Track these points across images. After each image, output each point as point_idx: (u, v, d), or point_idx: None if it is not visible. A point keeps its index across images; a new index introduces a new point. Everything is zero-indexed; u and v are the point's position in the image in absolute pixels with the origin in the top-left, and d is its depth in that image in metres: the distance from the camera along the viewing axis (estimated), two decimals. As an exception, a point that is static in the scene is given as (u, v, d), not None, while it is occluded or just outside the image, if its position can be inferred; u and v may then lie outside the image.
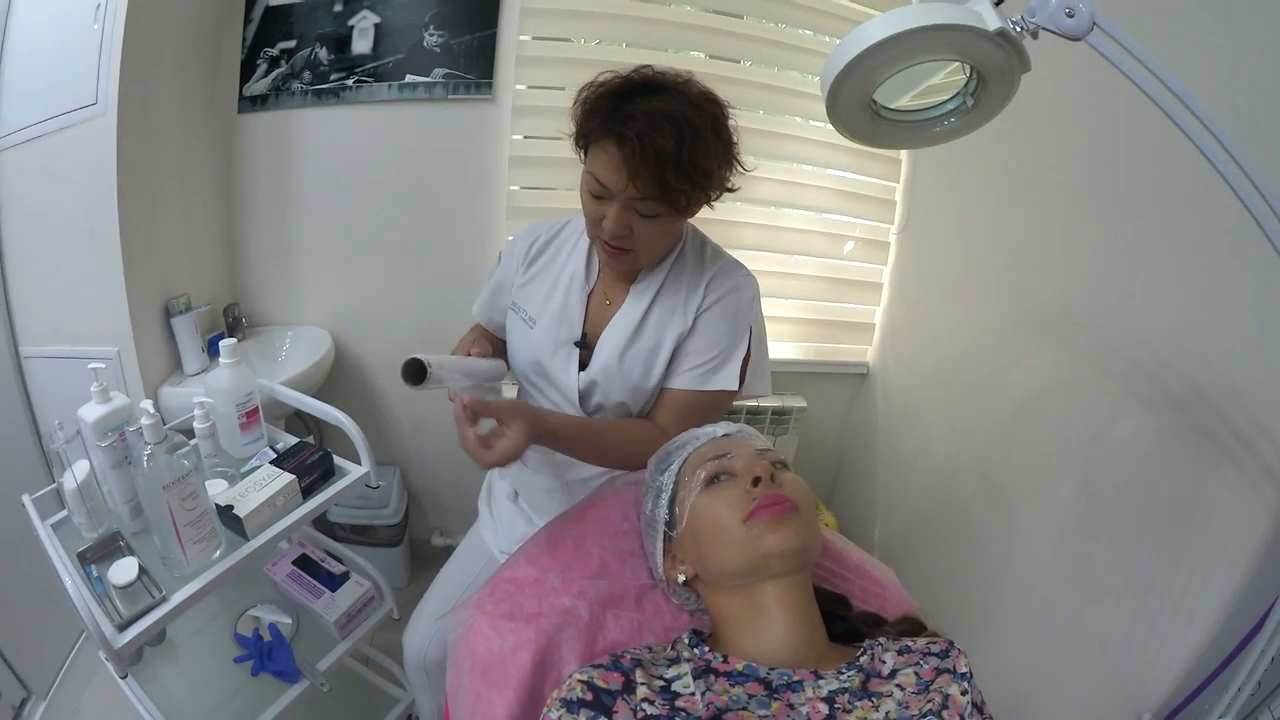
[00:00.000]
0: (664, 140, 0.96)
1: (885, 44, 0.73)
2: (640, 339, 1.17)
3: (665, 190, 1.00)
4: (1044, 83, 0.90)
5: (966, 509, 1.82)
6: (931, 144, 0.93)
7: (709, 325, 1.17)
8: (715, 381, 1.17)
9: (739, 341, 1.18)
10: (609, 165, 1.01)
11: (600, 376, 1.17)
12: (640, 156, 0.97)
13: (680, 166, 0.98)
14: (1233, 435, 1.14)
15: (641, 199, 1.01)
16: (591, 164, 1.05)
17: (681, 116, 0.98)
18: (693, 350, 1.17)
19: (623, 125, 0.98)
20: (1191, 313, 1.23)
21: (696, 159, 0.99)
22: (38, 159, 1.57)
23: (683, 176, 0.99)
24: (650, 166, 0.97)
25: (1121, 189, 1.38)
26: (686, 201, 1.03)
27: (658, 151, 0.96)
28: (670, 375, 1.18)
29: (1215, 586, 1.15)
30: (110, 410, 1.12)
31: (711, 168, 1.02)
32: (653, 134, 0.96)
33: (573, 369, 1.20)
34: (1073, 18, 0.70)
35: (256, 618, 1.41)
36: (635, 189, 1.00)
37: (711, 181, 1.04)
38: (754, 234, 2.22)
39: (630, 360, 1.16)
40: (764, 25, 2.08)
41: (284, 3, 1.89)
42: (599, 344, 1.19)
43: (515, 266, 1.28)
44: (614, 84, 1.03)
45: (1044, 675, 1.47)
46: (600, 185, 1.03)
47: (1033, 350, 1.64)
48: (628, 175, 0.99)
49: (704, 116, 1.01)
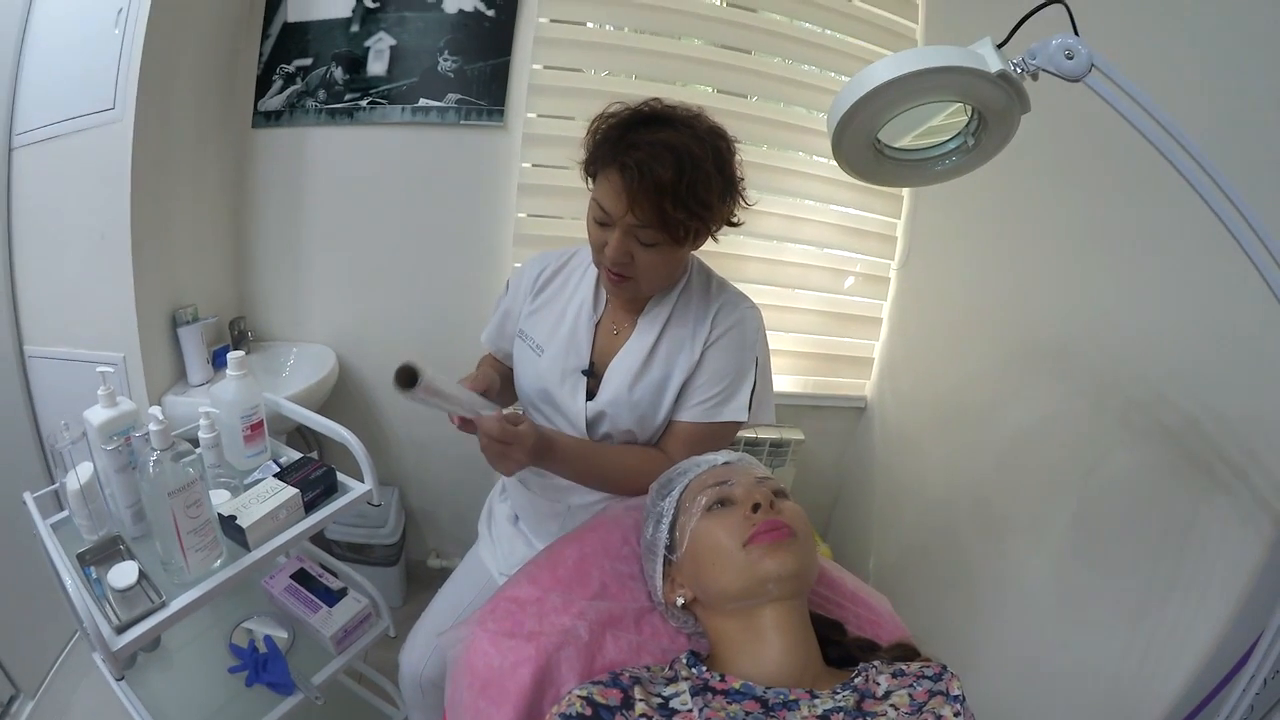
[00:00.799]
0: (663, 170, 0.99)
1: (891, 85, 0.76)
2: (650, 370, 1.18)
3: (663, 219, 1.02)
4: (1043, 122, 0.93)
5: (961, 539, 1.83)
6: (933, 182, 0.96)
7: (716, 358, 1.19)
8: (724, 413, 1.19)
9: (746, 373, 1.20)
10: (611, 192, 1.03)
11: (609, 407, 1.19)
12: (639, 184, 0.99)
13: (679, 197, 1.00)
14: (1225, 465, 1.16)
15: (641, 226, 1.03)
16: (597, 191, 1.07)
17: (683, 148, 1.00)
18: (701, 383, 1.19)
19: (625, 154, 1.01)
20: (1186, 346, 1.25)
21: (696, 190, 1.01)
22: (52, 159, 1.59)
23: (680, 206, 1.01)
24: (649, 195, 1.00)
25: (1117, 226, 1.41)
26: (685, 232, 1.05)
27: (656, 180, 0.99)
28: (679, 408, 1.20)
29: (1207, 614, 1.16)
30: (117, 414, 1.13)
31: (711, 200, 1.04)
32: (653, 163, 0.99)
33: (580, 397, 1.21)
34: (1072, 60, 0.73)
35: (251, 630, 1.41)
36: (634, 216, 1.02)
37: (711, 214, 1.06)
38: (756, 267, 2.24)
39: (640, 391, 1.18)
40: (771, 61, 2.12)
41: (302, 20, 1.92)
42: (607, 374, 1.20)
43: (523, 295, 1.30)
44: (624, 115, 1.07)
45: (1037, 703, 1.47)
46: (603, 212, 1.06)
47: (1029, 384, 1.66)
48: (627, 202, 1.01)
49: (706, 149, 1.03)
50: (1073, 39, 0.74)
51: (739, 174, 1.10)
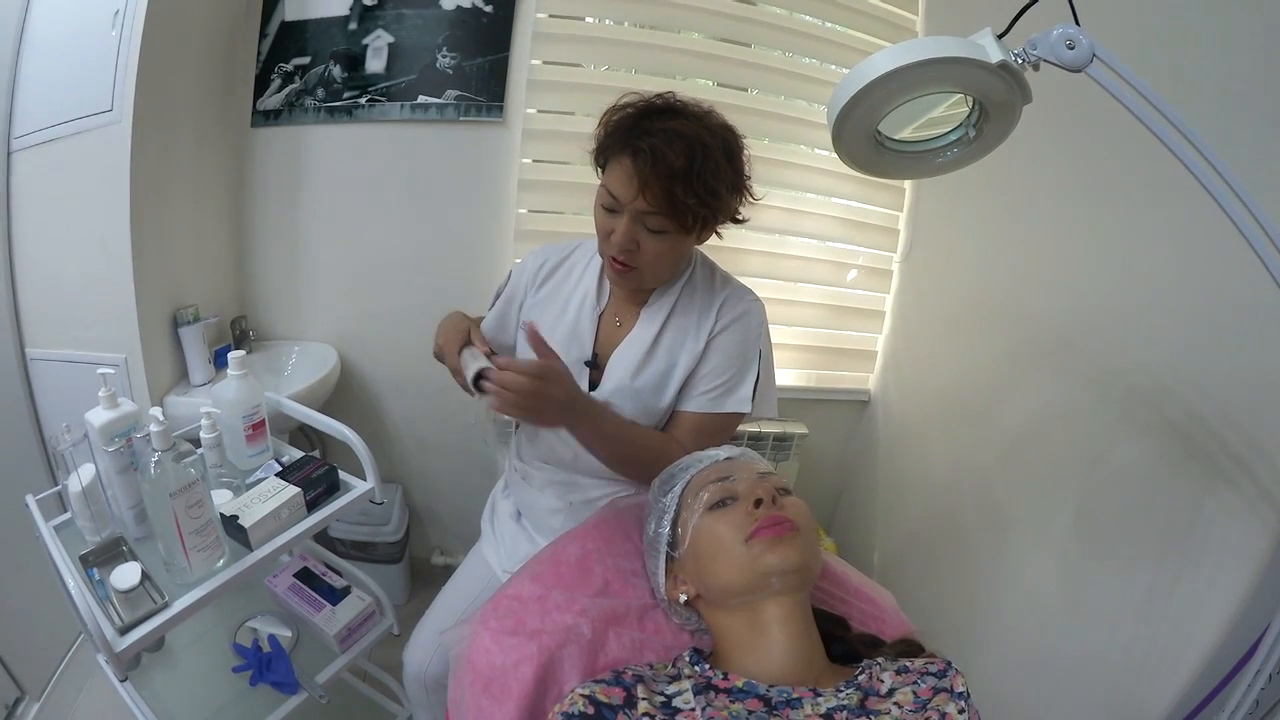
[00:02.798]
0: (675, 156, 1.00)
1: (891, 76, 0.75)
2: (653, 361, 1.19)
3: (673, 205, 1.02)
4: (1045, 113, 0.93)
5: (965, 533, 1.83)
6: (934, 174, 0.96)
7: (721, 349, 1.19)
8: (728, 404, 1.19)
9: (750, 365, 1.21)
10: (622, 177, 1.04)
11: (613, 395, 1.19)
12: (652, 168, 1.01)
13: (689, 183, 1.01)
14: (1229, 457, 1.15)
15: (650, 213, 1.04)
16: (607, 178, 1.09)
17: (695, 137, 1.02)
18: (706, 374, 1.19)
19: (638, 139, 1.02)
20: (1189, 338, 1.24)
21: (706, 179, 1.02)
22: (51, 162, 1.58)
23: (690, 192, 1.02)
24: (661, 179, 1.01)
25: (1121, 218, 1.40)
26: (693, 220, 1.05)
27: (669, 166, 1.00)
28: (683, 398, 1.21)
29: (1212, 607, 1.15)
30: (118, 415, 1.13)
31: (720, 190, 1.05)
32: (665, 149, 1.00)
33: (584, 388, 1.21)
34: (1073, 50, 0.73)
35: (255, 629, 1.41)
36: (645, 201, 1.03)
37: (719, 204, 1.07)
38: (758, 261, 2.24)
39: (643, 380, 1.19)
40: (771, 54, 2.11)
41: (299, 19, 1.92)
42: (610, 364, 1.21)
43: (525, 286, 1.31)
44: (638, 104, 1.08)
45: (1041, 697, 1.46)
46: (612, 198, 1.07)
47: (1032, 376, 1.65)
48: (638, 186, 1.02)
49: (717, 140, 1.05)
50: (1074, 29, 0.73)
51: (747, 171, 1.11)
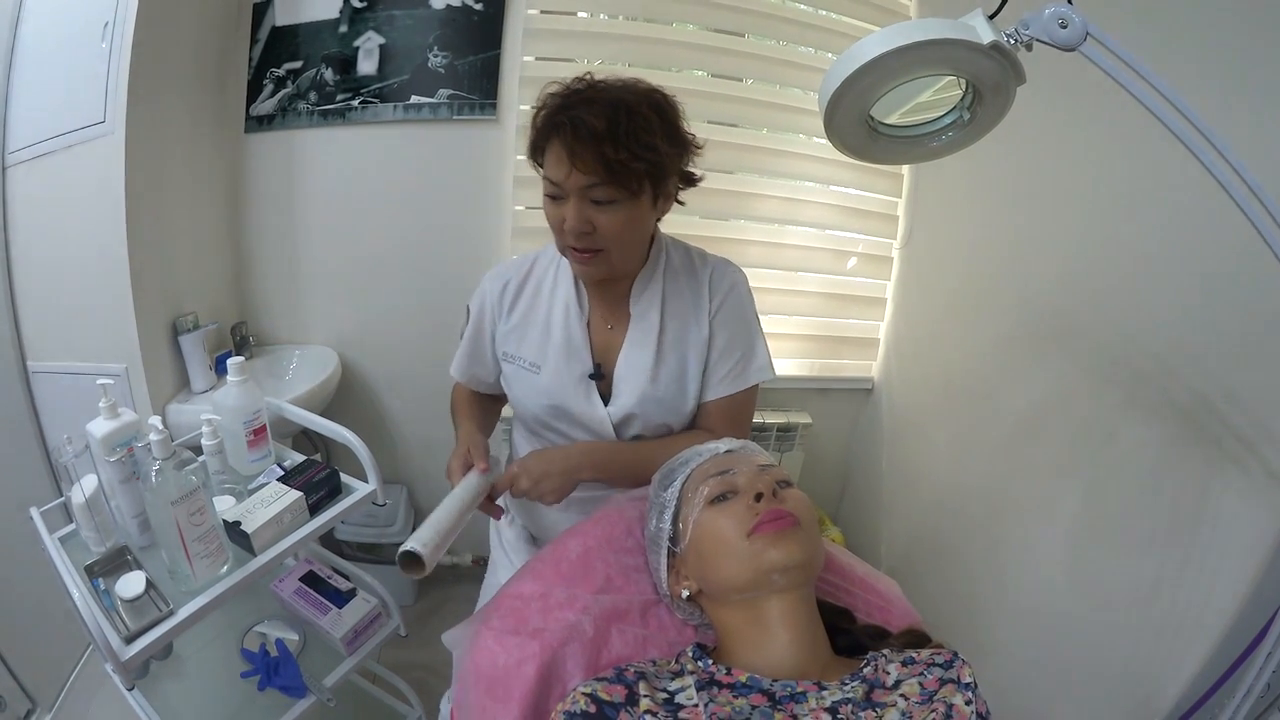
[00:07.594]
0: (595, 119, 0.98)
1: (881, 60, 0.74)
2: (665, 359, 1.17)
3: (608, 167, 0.99)
4: (1041, 94, 0.92)
5: (972, 520, 1.82)
6: (929, 158, 0.94)
7: (726, 325, 1.19)
8: (750, 376, 1.20)
9: (756, 331, 1.22)
10: (554, 159, 1.03)
11: (638, 406, 1.17)
12: (575, 138, 0.99)
13: (617, 140, 0.99)
14: (1236, 439, 1.14)
15: (590, 185, 1.01)
16: (544, 169, 1.07)
17: (615, 99, 1.01)
18: (720, 356, 1.19)
19: (559, 117, 1.01)
20: (1193, 320, 1.23)
21: (636, 133, 1.00)
22: (46, 176, 1.59)
23: (621, 148, 0.99)
24: (587, 145, 0.99)
25: (1122, 199, 1.39)
26: (635, 181, 1.02)
27: (591, 129, 0.98)
28: (706, 388, 1.20)
29: (1222, 592, 1.14)
30: (119, 426, 1.12)
31: (654, 142, 1.02)
32: (585, 116, 0.98)
33: (597, 402, 1.19)
34: (1066, 29, 0.71)
35: (263, 634, 1.41)
36: (579, 172, 1.00)
37: (657, 156, 1.03)
38: (757, 251, 2.22)
39: (663, 383, 1.17)
40: (765, 43, 2.10)
41: (290, 23, 1.91)
42: (617, 372, 1.19)
43: (492, 315, 1.26)
44: (559, 92, 1.05)
45: (1050, 685, 1.46)
46: (552, 184, 1.05)
47: (1036, 362, 1.64)
48: (569, 159, 1.00)
49: (640, 99, 1.03)
50: (1066, 7, 0.72)
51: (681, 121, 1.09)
